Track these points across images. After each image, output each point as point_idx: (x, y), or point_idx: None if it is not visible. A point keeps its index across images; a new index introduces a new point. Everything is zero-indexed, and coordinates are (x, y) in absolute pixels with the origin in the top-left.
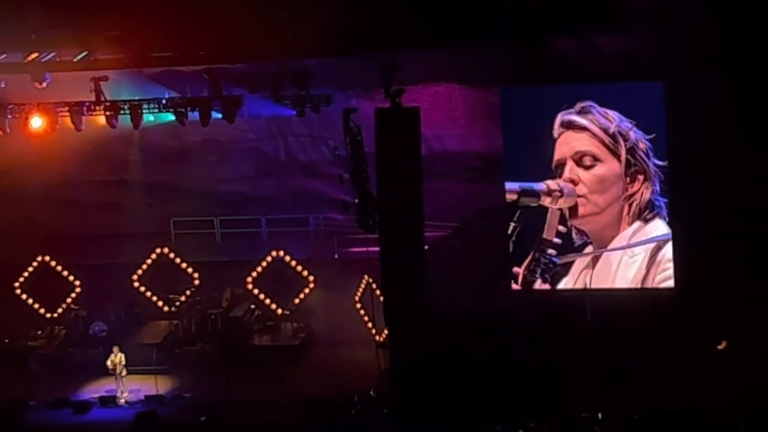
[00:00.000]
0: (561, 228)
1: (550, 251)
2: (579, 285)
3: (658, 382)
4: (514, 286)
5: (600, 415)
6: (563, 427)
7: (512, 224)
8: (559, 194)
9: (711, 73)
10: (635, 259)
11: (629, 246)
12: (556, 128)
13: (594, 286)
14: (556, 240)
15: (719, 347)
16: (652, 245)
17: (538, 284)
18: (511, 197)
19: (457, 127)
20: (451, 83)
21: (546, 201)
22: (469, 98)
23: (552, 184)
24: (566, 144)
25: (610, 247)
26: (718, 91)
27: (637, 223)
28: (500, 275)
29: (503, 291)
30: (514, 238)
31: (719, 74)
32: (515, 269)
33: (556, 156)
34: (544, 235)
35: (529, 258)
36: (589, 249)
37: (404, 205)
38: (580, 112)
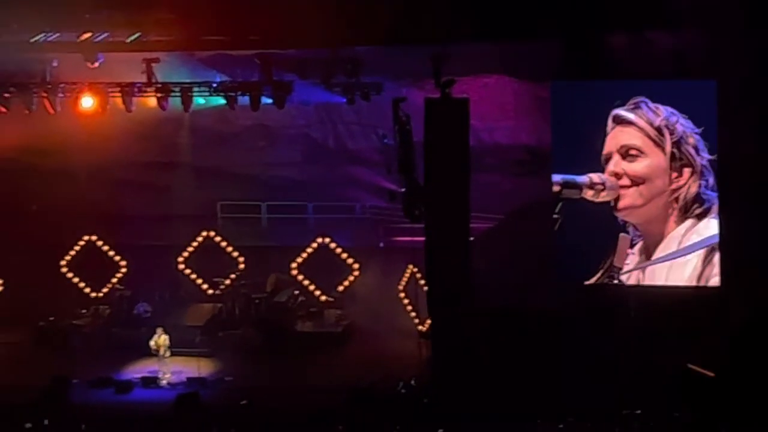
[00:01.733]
0: (630, 251)
1: (619, 274)
2: (632, 281)
3: (697, 381)
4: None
5: (639, 411)
6: (603, 423)
7: (554, 216)
8: (602, 187)
9: (764, 72)
10: (689, 258)
11: (680, 254)
12: (609, 124)
13: (646, 282)
14: (627, 263)
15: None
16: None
17: None
18: (554, 189)
19: (506, 120)
20: (501, 75)
21: (588, 194)
22: (519, 91)
23: (595, 177)
24: (614, 138)
25: (662, 245)
26: None
27: (690, 221)
28: (546, 269)
29: (548, 285)
30: (556, 229)
31: None
32: (588, 283)
33: (605, 150)
34: (615, 262)
35: (596, 278)
36: (640, 244)
37: (451, 195)
38: (631, 108)
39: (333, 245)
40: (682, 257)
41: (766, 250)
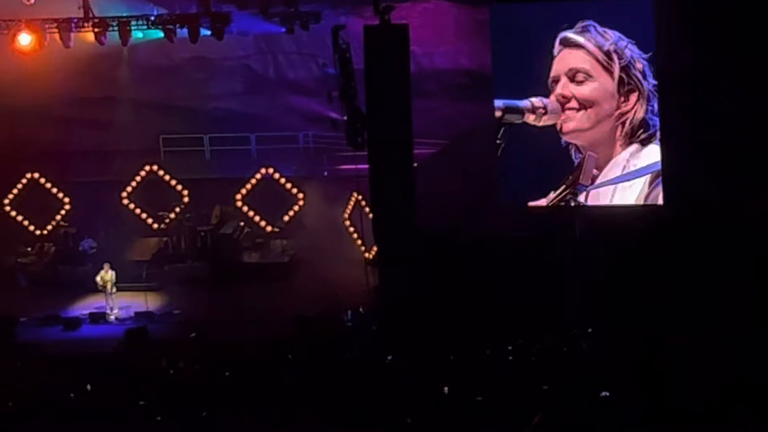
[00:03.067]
0: (596, 171)
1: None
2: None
3: (646, 301)
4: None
5: (589, 330)
6: (552, 343)
7: (497, 141)
8: (543, 111)
9: None
10: (633, 182)
11: (626, 178)
12: (556, 46)
13: (591, 203)
14: (590, 183)
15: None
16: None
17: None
18: (496, 114)
19: (446, 45)
20: (440, 0)
21: (530, 118)
22: (458, 15)
23: (536, 101)
24: (562, 61)
25: (606, 168)
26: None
27: (635, 146)
28: (491, 193)
29: (494, 208)
30: (499, 155)
31: None
32: (532, 204)
33: (552, 73)
34: (581, 180)
35: (557, 194)
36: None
37: (393, 122)
38: (579, 31)
39: (277, 176)
40: (628, 183)
41: (707, 172)
